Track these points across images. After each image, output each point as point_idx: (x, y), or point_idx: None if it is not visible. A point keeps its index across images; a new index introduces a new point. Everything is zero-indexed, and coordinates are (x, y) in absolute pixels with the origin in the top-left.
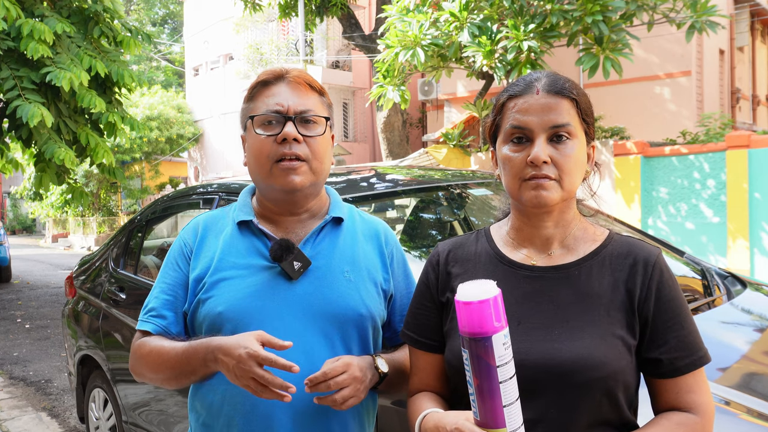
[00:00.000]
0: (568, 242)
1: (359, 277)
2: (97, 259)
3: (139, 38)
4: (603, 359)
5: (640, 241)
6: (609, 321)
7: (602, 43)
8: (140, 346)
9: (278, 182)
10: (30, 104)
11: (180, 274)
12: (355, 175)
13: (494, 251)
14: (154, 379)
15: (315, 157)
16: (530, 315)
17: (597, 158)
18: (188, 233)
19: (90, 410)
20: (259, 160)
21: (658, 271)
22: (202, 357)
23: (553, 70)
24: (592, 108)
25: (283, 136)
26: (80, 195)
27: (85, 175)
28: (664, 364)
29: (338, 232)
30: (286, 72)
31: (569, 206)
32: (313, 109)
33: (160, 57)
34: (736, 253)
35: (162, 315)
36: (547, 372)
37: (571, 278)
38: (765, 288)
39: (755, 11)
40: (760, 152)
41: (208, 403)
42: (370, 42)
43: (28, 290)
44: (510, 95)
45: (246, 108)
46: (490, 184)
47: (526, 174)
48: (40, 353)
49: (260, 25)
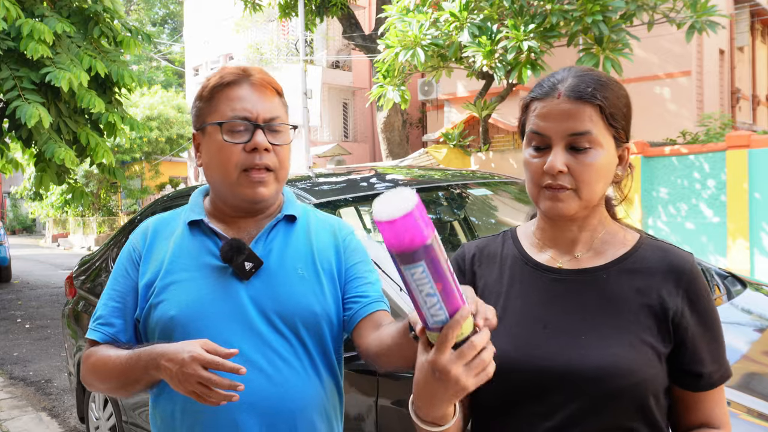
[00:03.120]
0: (596, 245)
1: (313, 274)
2: (97, 259)
3: (139, 38)
4: (631, 366)
5: (673, 246)
6: (638, 327)
7: (602, 43)
8: (87, 357)
9: (245, 192)
10: (29, 104)
11: (129, 281)
12: (355, 175)
13: (520, 253)
14: (102, 388)
15: (282, 166)
16: (556, 319)
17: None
18: (137, 238)
19: (90, 410)
20: (226, 168)
21: (693, 279)
22: (143, 365)
23: (573, 66)
24: (628, 107)
25: (254, 145)
26: (80, 195)
27: (85, 175)
28: (704, 377)
29: (291, 230)
30: (249, 73)
31: (594, 211)
32: (281, 116)
33: (160, 57)
34: (736, 253)
35: (110, 323)
36: (573, 379)
37: (598, 282)
38: (765, 288)
39: (755, 11)
40: (760, 152)
41: (168, 413)
42: (370, 42)
43: (28, 290)
44: (533, 97)
45: (203, 108)
46: (490, 184)
47: (543, 182)
48: (40, 353)
49: (260, 25)
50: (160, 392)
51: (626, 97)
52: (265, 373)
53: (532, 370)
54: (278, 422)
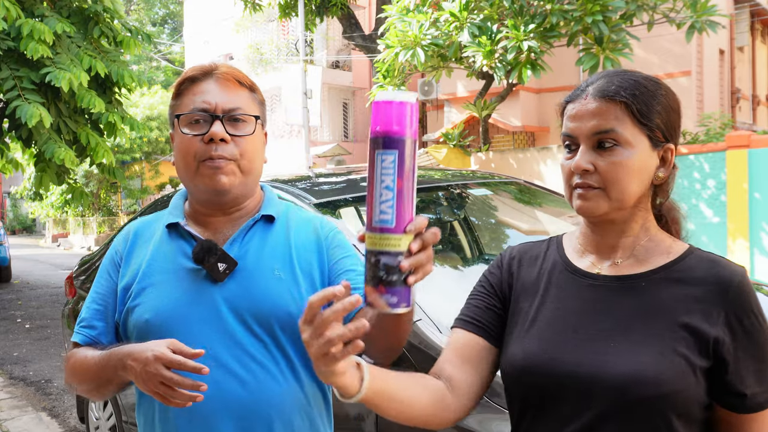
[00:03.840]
0: (638, 253)
1: (290, 274)
2: (97, 259)
3: (139, 38)
4: (659, 376)
5: (723, 259)
6: (673, 337)
7: (602, 43)
8: (68, 358)
9: (205, 182)
10: (29, 104)
11: (111, 283)
12: (355, 175)
13: (561, 257)
14: (81, 390)
15: (243, 157)
16: (588, 324)
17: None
18: (119, 241)
19: (90, 410)
20: (186, 160)
21: (741, 294)
22: (113, 365)
23: (611, 69)
24: (668, 105)
25: (210, 136)
26: (80, 195)
27: (85, 175)
28: (747, 398)
29: (269, 231)
30: (215, 68)
31: (635, 215)
32: (243, 107)
33: (160, 57)
34: (736, 253)
35: (92, 325)
36: (599, 385)
37: (636, 290)
38: (765, 288)
39: (755, 11)
40: (760, 152)
41: (149, 417)
42: (370, 42)
43: (28, 290)
44: (566, 100)
45: (173, 105)
46: (490, 184)
47: (573, 182)
48: (40, 353)
49: (260, 25)
50: (141, 395)
51: (665, 96)
52: (239, 378)
53: (557, 374)
54: (255, 426)
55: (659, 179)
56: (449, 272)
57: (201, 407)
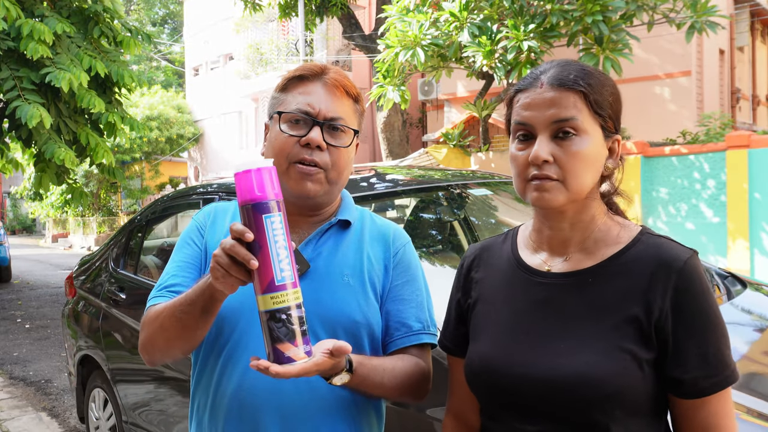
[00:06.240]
0: (588, 245)
1: (359, 282)
2: (97, 259)
3: (139, 38)
4: (603, 377)
5: (671, 242)
6: (618, 334)
7: (602, 43)
8: (148, 313)
9: (291, 185)
10: (29, 105)
11: (194, 250)
12: (355, 175)
13: (514, 255)
14: (162, 344)
15: (334, 167)
16: (538, 326)
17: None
18: (201, 215)
19: (90, 410)
20: (278, 158)
21: (685, 275)
22: (201, 282)
23: (556, 59)
24: (615, 97)
25: (307, 140)
26: (80, 195)
27: (85, 175)
28: (686, 384)
29: (344, 236)
30: (326, 71)
31: (586, 206)
32: (345, 118)
33: (160, 57)
34: (736, 253)
35: (178, 291)
36: (549, 388)
37: (584, 286)
38: (765, 288)
39: (755, 11)
40: (760, 152)
41: (203, 403)
42: (370, 42)
43: (28, 290)
44: (517, 89)
45: (276, 98)
46: (490, 184)
47: (528, 174)
48: (40, 353)
49: (260, 25)
50: (198, 383)
51: (613, 87)
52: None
53: (511, 376)
54: (299, 427)
55: (608, 170)
56: (449, 272)
57: (252, 399)
